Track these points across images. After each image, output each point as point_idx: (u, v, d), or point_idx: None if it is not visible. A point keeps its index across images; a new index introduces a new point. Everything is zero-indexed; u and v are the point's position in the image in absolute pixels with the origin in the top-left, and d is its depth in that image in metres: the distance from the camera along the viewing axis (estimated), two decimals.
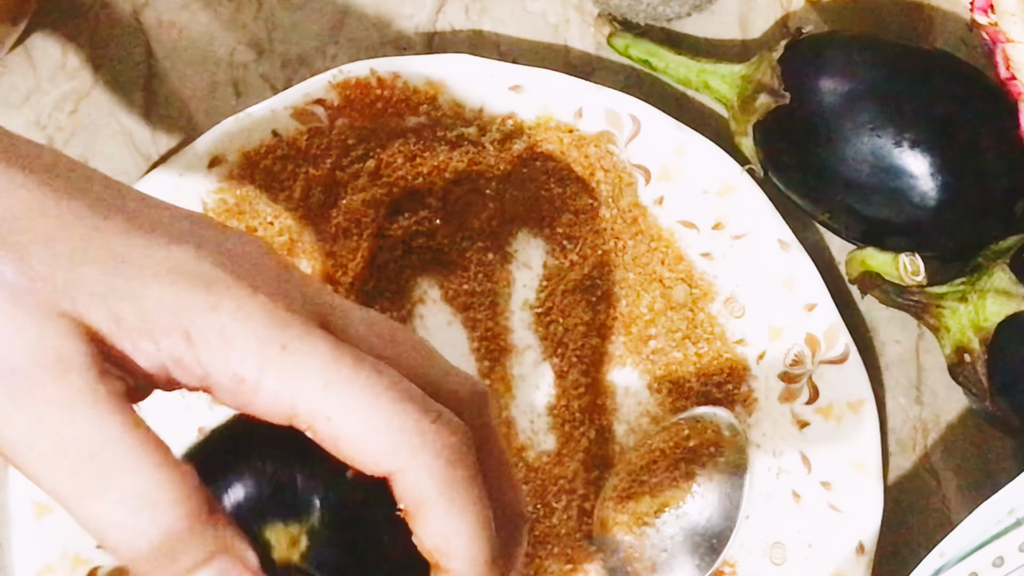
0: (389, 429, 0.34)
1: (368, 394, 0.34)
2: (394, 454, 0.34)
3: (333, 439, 0.34)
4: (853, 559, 0.55)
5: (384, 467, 0.34)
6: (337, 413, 0.34)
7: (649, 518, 0.56)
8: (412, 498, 0.35)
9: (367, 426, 0.34)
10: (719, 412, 0.55)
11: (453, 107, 0.57)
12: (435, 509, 0.35)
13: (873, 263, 0.53)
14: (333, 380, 0.34)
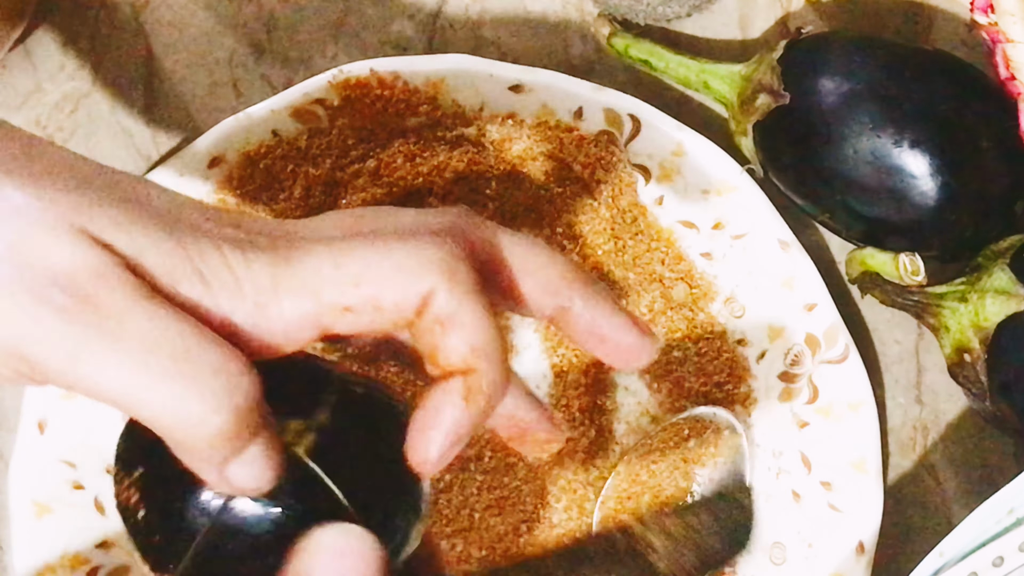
0: (406, 261, 0.36)
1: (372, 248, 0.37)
2: (422, 278, 0.36)
3: (369, 303, 0.36)
4: (853, 559, 0.55)
5: (417, 296, 0.36)
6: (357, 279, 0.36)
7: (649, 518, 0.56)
8: (442, 315, 0.37)
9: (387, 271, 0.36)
10: (719, 412, 0.55)
11: (453, 107, 0.57)
12: (465, 316, 0.37)
13: (873, 263, 0.53)
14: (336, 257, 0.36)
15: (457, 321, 0.37)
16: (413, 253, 0.37)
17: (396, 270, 0.36)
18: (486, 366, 0.37)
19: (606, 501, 0.56)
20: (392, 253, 0.37)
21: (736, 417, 0.55)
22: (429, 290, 0.36)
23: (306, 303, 0.36)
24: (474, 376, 0.37)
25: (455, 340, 0.37)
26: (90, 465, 0.55)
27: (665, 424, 0.56)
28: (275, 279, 0.36)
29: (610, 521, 0.56)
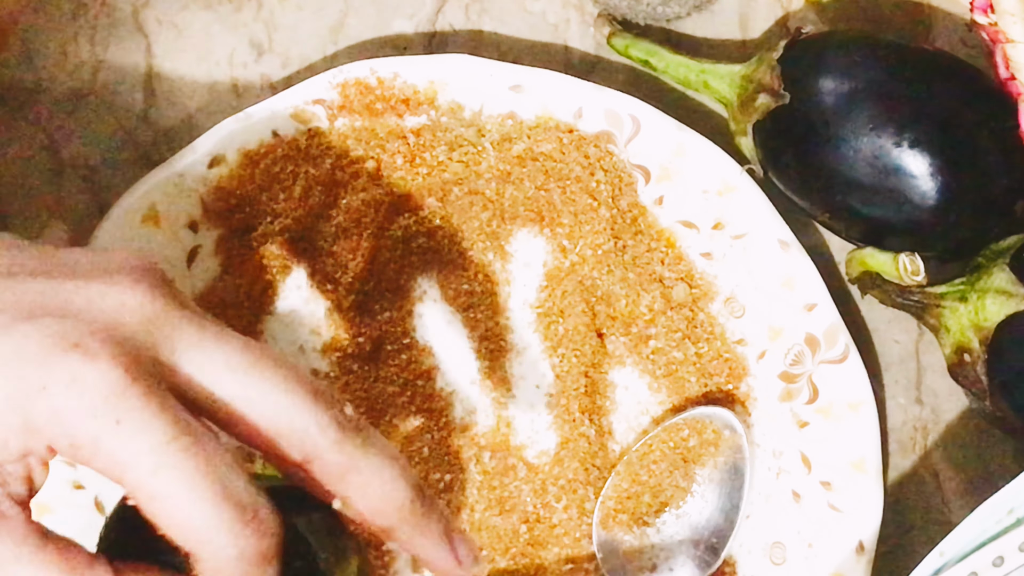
0: (201, 523, 0.36)
1: (190, 486, 0.36)
2: (199, 546, 0.36)
3: (152, 514, 0.37)
4: (853, 559, 0.55)
5: (190, 551, 0.37)
6: (160, 497, 0.36)
7: (649, 518, 0.56)
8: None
9: (184, 515, 0.36)
10: (719, 412, 0.55)
11: (453, 107, 0.57)
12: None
13: (873, 263, 0.53)
14: (162, 466, 0.36)
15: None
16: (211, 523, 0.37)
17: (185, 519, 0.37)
18: (205, 554, 0.37)
19: (606, 501, 0.56)
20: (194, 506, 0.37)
21: (736, 417, 0.55)
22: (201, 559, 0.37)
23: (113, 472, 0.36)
24: (198, 563, 0.37)
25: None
26: None
27: (665, 424, 0.56)
28: None
29: (610, 521, 0.56)
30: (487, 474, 0.56)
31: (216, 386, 0.38)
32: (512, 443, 0.56)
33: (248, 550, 0.37)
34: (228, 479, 0.37)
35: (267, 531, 0.37)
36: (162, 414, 0.36)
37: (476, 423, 0.56)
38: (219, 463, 0.37)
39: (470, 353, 0.57)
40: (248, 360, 0.38)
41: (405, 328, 0.56)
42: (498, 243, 0.57)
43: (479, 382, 0.57)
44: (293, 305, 0.57)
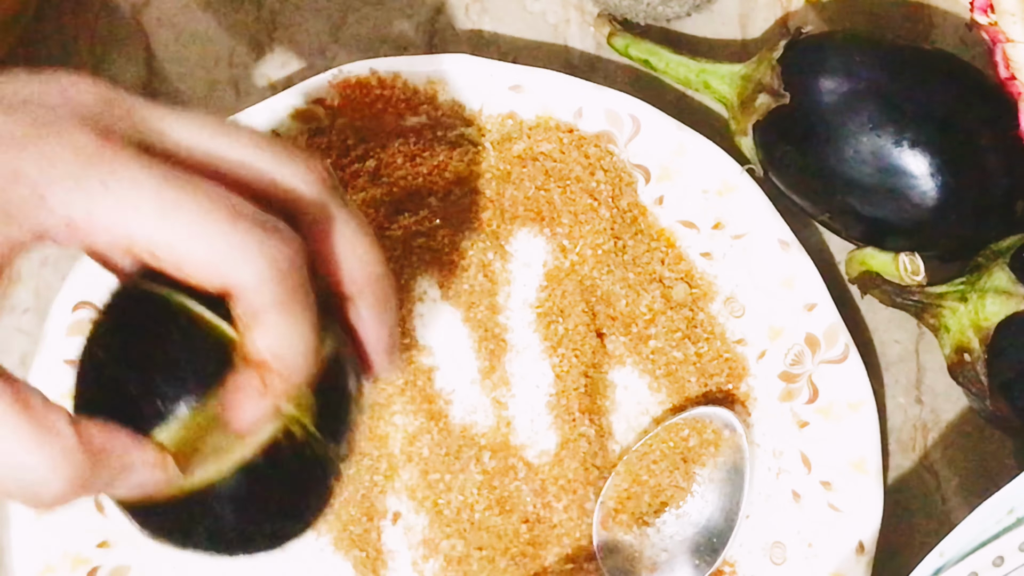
0: (225, 249, 0.35)
1: (201, 217, 0.35)
2: (231, 272, 0.36)
3: (175, 264, 0.36)
4: (853, 559, 0.55)
5: (224, 284, 0.36)
6: (174, 239, 0.35)
7: (649, 518, 0.56)
8: (250, 310, 0.36)
9: (204, 248, 0.35)
10: (719, 412, 0.55)
11: (453, 107, 0.57)
12: (271, 320, 0.36)
13: (873, 263, 0.53)
14: (165, 208, 0.35)
15: (261, 322, 0.36)
16: (234, 244, 0.36)
17: (208, 251, 0.36)
18: (284, 372, 0.37)
19: (606, 501, 0.56)
20: (213, 234, 0.35)
21: (736, 417, 0.55)
22: (237, 285, 0.36)
23: (119, 235, 0.35)
24: (270, 376, 0.37)
25: (257, 338, 0.37)
26: None
27: (665, 424, 0.56)
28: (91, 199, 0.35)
29: (610, 521, 0.56)
30: (487, 474, 0.56)
31: (193, 144, 0.37)
32: (512, 443, 0.56)
33: (279, 259, 0.36)
34: (235, 201, 0.36)
35: (290, 239, 0.37)
36: (145, 162, 0.35)
37: (476, 423, 0.56)
38: (220, 191, 0.36)
39: (470, 353, 0.57)
40: (219, 124, 0.38)
41: (405, 328, 0.56)
42: (498, 243, 0.57)
43: (479, 382, 0.57)
44: None
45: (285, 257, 0.36)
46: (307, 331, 0.37)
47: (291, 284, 0.37)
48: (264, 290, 0.36)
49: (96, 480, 0.37)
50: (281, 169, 0.38)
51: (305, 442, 0.40)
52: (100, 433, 0.37)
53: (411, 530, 0.56)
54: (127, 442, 0.37)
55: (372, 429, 0.56)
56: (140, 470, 0.37)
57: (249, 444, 0.39)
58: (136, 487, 0.38)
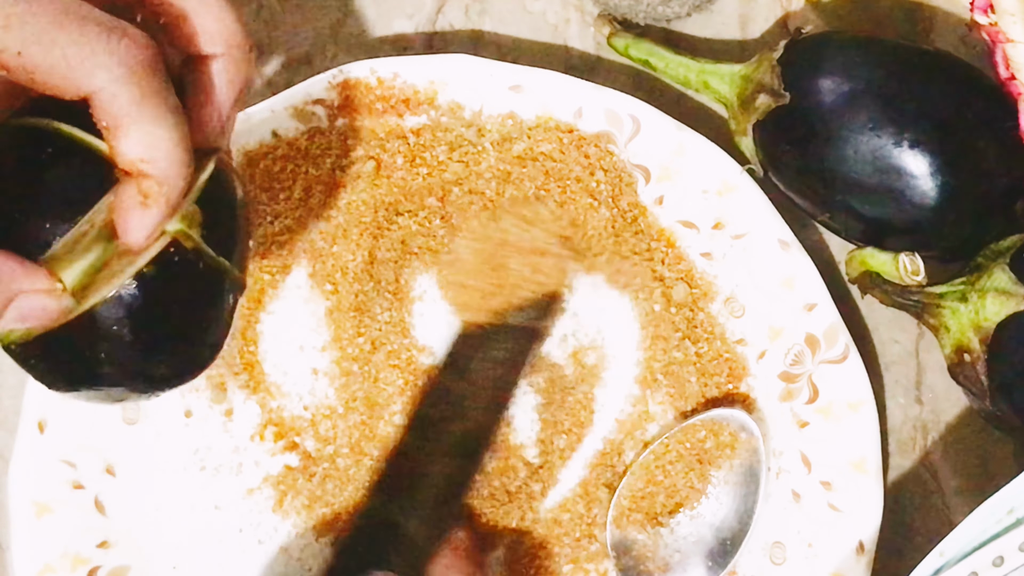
0: (78, 54, 0.35)
1: (48, 25, 0.35)
2: (88, 77, 0.36)
3: (28, 73, 0.36)
4: (853, 559, 0.55)
5: (82, 90, 0.36)
6: (23, 47, 0.35)
7: (663, 518, 0.56)
8: (111, 116, 0.36)
9: (57, 55, 0.35)
10: (736, 414, 0.55)
11: (453, 107, 0.57)
12: (133, 123, 0.36)
13: (873, 263, 0.53)
14: (10, 20, 0.35)
15: (124, 127, 0.36)
16: (84, 49, 0.35)
17: (58, 59, 0.35)
18: (159, 175, 0.37)
19: (621, 500, 0.56)
20: (61, 42, 0.35)
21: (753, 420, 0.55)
22: (92, 91, 0.36)
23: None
24: (147, 183, 0.37)
25: (124, 145, 0.37)
26: (90, 465, 0.55)
27: (682, 425, 0.56)
28: None
29: (624, 520, 0.56)
30: (487, 474, 0.56)
31: None
32: (512, 443, 0.56)
33: (131, 60, 0.36)
34: (80, 7, 0.36)
35: (141, 39, 0.37)
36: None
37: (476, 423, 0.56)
38: (69, 4, 0.36)
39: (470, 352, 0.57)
40: None
41: (405, 328, 0.56)
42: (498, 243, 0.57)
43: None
44: (293, 305, 0.57)
45: (136, 58, 0.36)
46: (172, 131, 0.37)
47: (147, 84, 0.36)
48: (120, 93, 0.36)
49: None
50: None
51: (196, 255, 0.39)
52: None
53: None
54: (14, 267, 0.37)
55: (372, 429, 0.56)
56: (31, 297, 0.37)
57: (138, 261, 0.38)
58: (29, 315, 0.37)
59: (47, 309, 0.37)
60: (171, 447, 0.56)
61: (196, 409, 0.56)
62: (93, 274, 0.38)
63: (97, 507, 0.55)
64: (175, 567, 0.56)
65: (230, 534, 0.56)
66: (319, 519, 0.56)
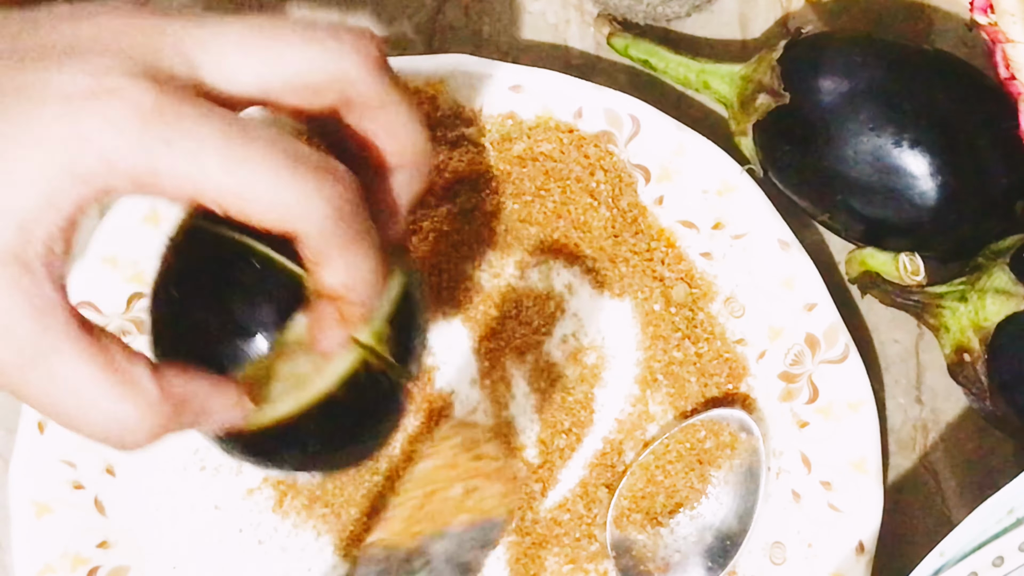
0: (289, 197, 0.37)
1: (264, 168, 0.37)
2: (301, 219, 0.37)
3: (241, 211, 0.37)
4: (853, 559, 0.55)
5: (293, 229, 0.38)
6: (240, 190, 0.37)
7: (663, 518, 0.56)
8: (317, 251, 0.38)
9: (269, 197, 0.37)
10: (736, 414, 0.55)
11: (453, 107, 0.57)
12: (339, 257, 0.38)
13: (873, 263, 0.53)
14: (229, 161, 0.36)
15: (330, 260, 0.38)
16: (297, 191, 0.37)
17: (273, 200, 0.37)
18: (358, 299, 0.39)
19: (620, 500, 0.56)
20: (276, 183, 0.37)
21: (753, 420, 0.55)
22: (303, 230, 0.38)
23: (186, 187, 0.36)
24: (347, 306, 0.39)
25: (328, 275, 0.39)
26: (90, 465, 0.55)
27: (682, 425, 0.56)
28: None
29: (624, 520, 0.56)
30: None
31: (241, 79, 0.38)
32: (512, 442, 0.56)
33: (340, 201, 0.38)
34: (293, 147, 0.37)
35: (350, 181, 0.38)
36: (206, 115, 0.36)
37: (476, 423, 0.56)
38: (277, 137, 0.37)
39: (470, 353, 0.57)
40: (263, 37, 0.38)
41: None
42: (498, 243, 0.57)
43: (479, 382, 0.57)
44: None
45: (344, 198, 0.38)
46: (372, 262, 0.39)
47: (352, 222, 0.38)
48: (328, 231, 0.38)
49: (178, 425, 0.38)
50: (332, 64, 0.39)
51: (381, 369, 0.41)
52: (181, 381, 0.38)
53: None
54: (207, 387, 0.39)
55: None
56: (220, 412, 0.39)
57: (327, 375, 0.40)
58: (216, 426, 0.40)
59: (233, 421, 0.40)
60: (171, 447, 0.56)
61: None
62: (279, 386, 0.40)
63: (97, 507, 0.55)
64: (175, 567, 0.56)
65: (230, 534, 0.56)
66: (319, 519, 0.56)
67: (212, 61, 0.38)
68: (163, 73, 0.37)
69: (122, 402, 0.37)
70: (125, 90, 0.36)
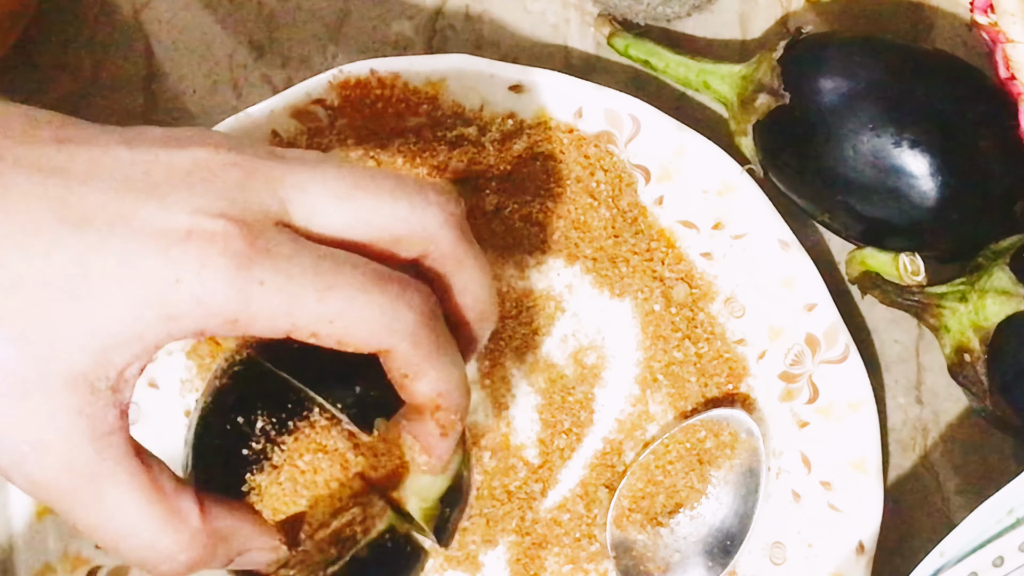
0: (380, 318, 0.38)
1: (355, 294, 0.38)
2: (391, 335, 0.39)
3: (335, 339, 0.38)
4: (853, 559, 0.55)
5: (383, 347, 0.39)
6: (335, 318, 0.38)
7: (663, 518, 0.56)
8: (409, 365, 0.39)
9: (363, 318, 0.38)
10: (737, 414, 0.55)
11: (453, 107, 0.57)
12: (431, 368, 0.40)
13: (873, 263, 0.53)
14: (321, 294, 0.37)
15: (423, 371, 0.40)
16: (387, 311, 0.38)
17: (366, 324, 0.38)
18: (453, 406, 0.41)
19: (621, 500, 0.56)
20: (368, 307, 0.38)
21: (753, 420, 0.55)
22: (394, 347, 0.39)
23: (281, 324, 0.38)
24: (443, 415, 0.41)
25: (422, 386, 0.40)
26: None
27: (682, 425, 0.56)
28: None
29: (624, 520, 0.56)
30: (487, 474, 0.56)
31: (330, 222, 0.39)
32: (512, 443, 0.56)
33: (425, 308, 0.39)
34: (375, 267, 0.39)
35: (424, 290, 0.40)
36: (295, 251, 0.37)
37: (476, 423, 0.56)
38: (360, 260, 0.39)
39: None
40: (352, 182, 0.39)
41: None
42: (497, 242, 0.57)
43: (479, 382, 0.57)
44: None
45: (427, 310, 0.39)
46: (459, 367, 0.41)
47: (437, 331, 0.40)
48: (418, 340, 0.39)
49: (214, 559, 0.40)
50: (417, 221, 0.40)
51: (406, 539, 0.43)
52: (226, 519, 0.40)
53: None
54: (250, 527, 0.41)
55: None
56: (257, 555, 0.41)
57: (361, 540, 0.42)
58: (248, 564, 0.41)
59: (266, 565, 0.41)
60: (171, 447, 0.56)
61: None
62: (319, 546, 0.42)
63: None
64: None
65: None
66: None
67: (305, 205, 0.39)
68: (256, 212, 0.38)
69: (166, 534, 0.38)
70: (220, 232, 0.37)
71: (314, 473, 0.42)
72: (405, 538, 0.43)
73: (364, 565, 0.42)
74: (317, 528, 0.42)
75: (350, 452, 0.43)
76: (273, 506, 0.42)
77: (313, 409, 0.42)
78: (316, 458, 0.42)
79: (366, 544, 0.42)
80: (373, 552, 0.42)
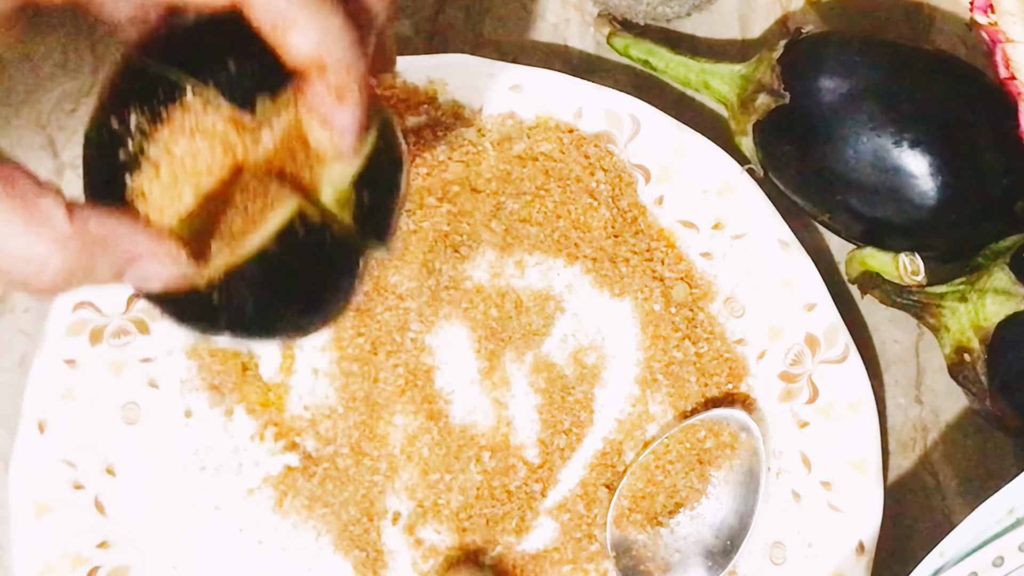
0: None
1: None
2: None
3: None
4: (853, 559, 0.55)
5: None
6: None
7: (663, 518, 0.56)
8: (273, 14, 0.36)
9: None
10: (736, 414, 0.55)
11: (453, 107, 0.57)
12: (301, 17, 0.36)
13: (873, 263, 0.53)
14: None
15: (294, 22, 0.36)
16: None
17: None
18: (340, 60, 0.37)
19: (620, 500, 0.56)
20: None
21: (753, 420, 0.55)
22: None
23: None
24: (334, 74, 0.37)
25: (295, 39, 0.36)
26: (90, 465, 0.55)
27: (682, 425, 0.56)
28: None
29: (624, 520, 0.56)
30: (487, 474, 0.56)
31: None
32: (512, 443, 0.56)
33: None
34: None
35: None
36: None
37: (476, 423, 0.56)
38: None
39: (470, 353, 0.57)
40: None
41: (405, 328, 0.56)
42: (498, 242, 0.57)
43: (479, 382, 0.57)
44: None
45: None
46: (338, 16, 0.37)
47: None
48: None
49: (96, 270, 0.36)
50: None
51: (322, 226, 0.39)
52: (100, 222, 0.36)
53: (411, 530, 0.56)
54: (129, 230, 0.36)
55: (372, 429, 0.56)
56: (149, 262, 0.37)
57: (265, 229, 0.38)
58: (149, 279, 0.37)
59: (168, 275, 0.37)
60: (171, 447, 0.56)
61: (196, 409, 0.56)
62: (216, 240, 0.38)
63: (97, 507, 0.55)
64: (175, 567, 0.56)
65: (230, 534, 0.56)
66: (319, 519, 0.56)
67: None
68: None
69: (26, 235, 0.34)
70: None
71: (193, 160, 0.38)
72: (322, 227, 0.38)
73: (278, 260, 0.38)
74: None
75: (233, 134, 0.38)
76: (160, 206, 0.38)
77: (185, 92, 0.38)
78: (193, 145, 0.38)
79: (274, 236, 0.38)
80: (285, 244, 0.38)
